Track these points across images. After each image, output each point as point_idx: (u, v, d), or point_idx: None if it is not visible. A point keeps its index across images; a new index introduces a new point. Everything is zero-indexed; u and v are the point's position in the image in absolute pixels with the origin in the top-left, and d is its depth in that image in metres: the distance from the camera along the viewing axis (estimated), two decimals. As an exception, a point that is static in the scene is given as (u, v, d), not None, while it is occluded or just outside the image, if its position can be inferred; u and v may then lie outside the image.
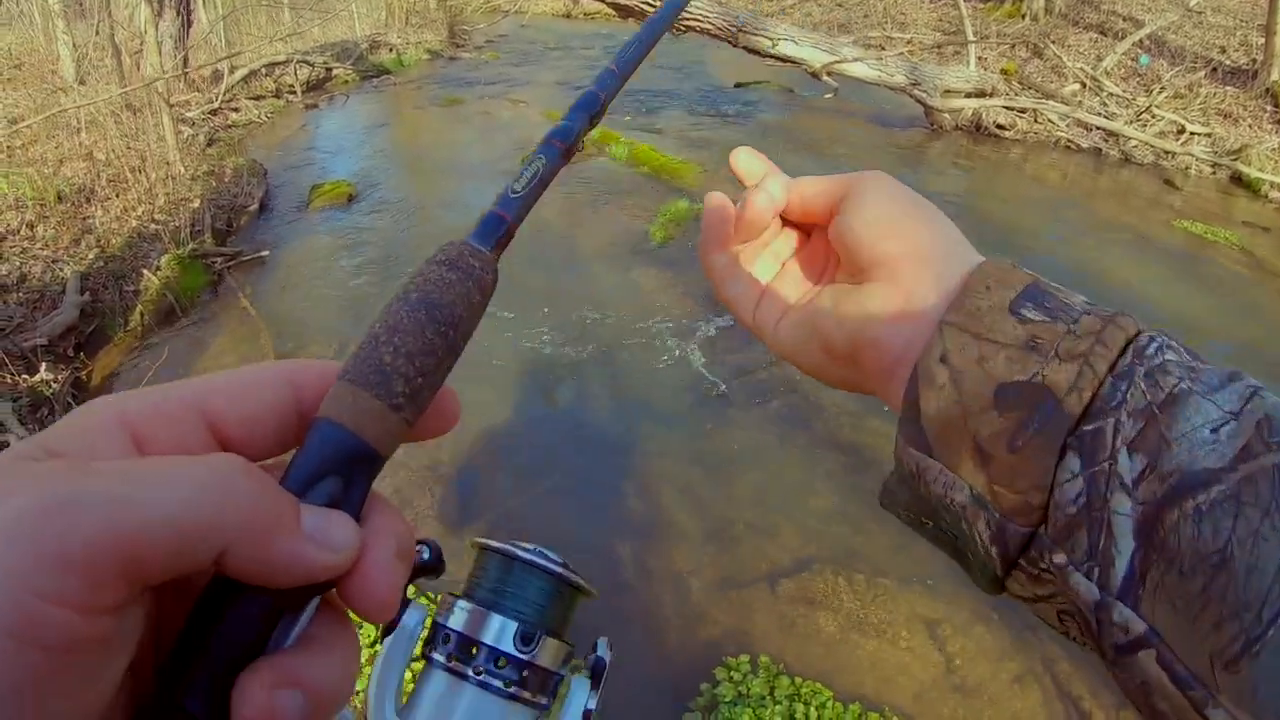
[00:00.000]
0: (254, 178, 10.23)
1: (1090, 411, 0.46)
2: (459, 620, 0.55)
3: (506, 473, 5.08)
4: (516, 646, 0.55)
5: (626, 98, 15.08)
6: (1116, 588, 0.43)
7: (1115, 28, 19.22)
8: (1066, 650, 4.13)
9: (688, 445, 5.39)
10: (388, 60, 18.47)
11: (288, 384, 0.42)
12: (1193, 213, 11.63)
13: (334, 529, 0.37)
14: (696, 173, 10.35)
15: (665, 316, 6.84)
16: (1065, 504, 0.46)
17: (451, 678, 0.54)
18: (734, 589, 4.28)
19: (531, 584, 0.57)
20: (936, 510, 0.54)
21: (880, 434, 5.58)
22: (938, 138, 14.06)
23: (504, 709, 0.54)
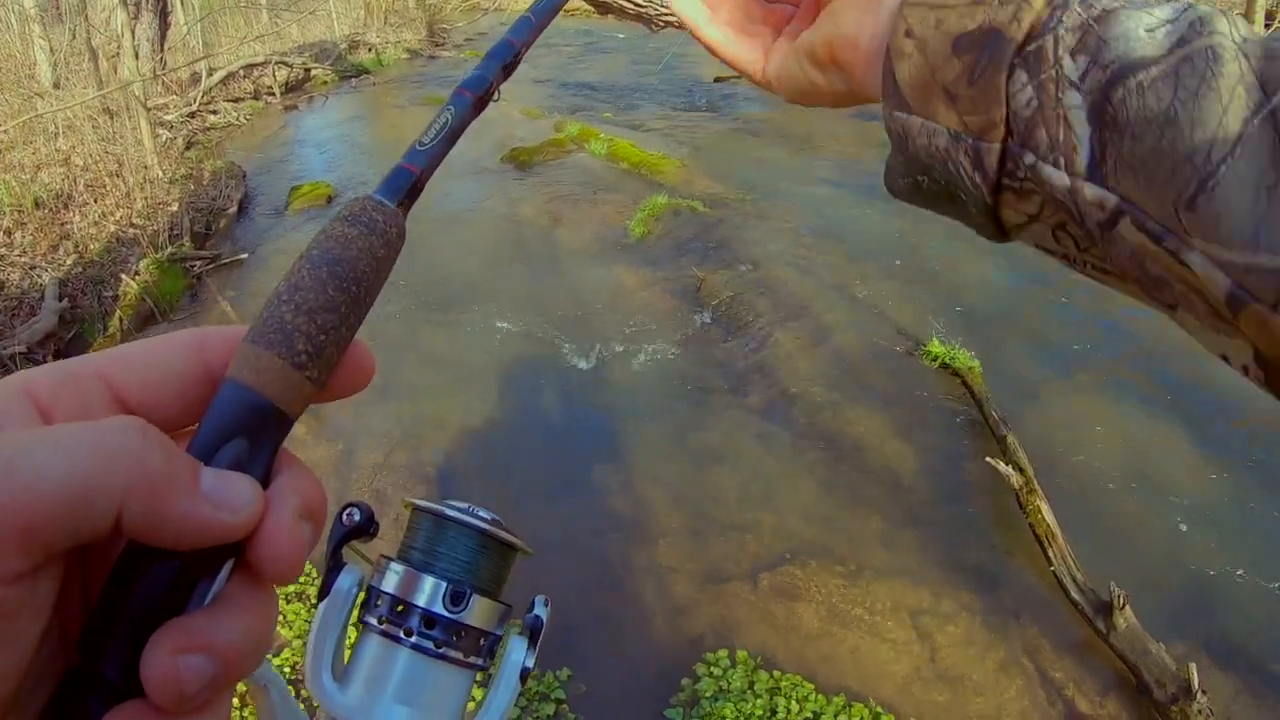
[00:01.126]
0: (232, 180, 10.20)
1: (1030, 36, 0.51)
2: (391, 583, 0.54)
3: (490, 471, 5.08)
4: (446, 607, 0.53)
5: (606, 94, 15.08)
6: (1084, 169, 0.48)
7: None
8: (1050, 636, 4.16)
9: (669, 441, 5.40)
10: (367, 60, 18.37)
11: (195, 350, 0.42)
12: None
13: (233, 489, 0.37)
14: (676, 168, 10.34)
15: (646, 312, 6.85)
16: (1021, 109, 0.51)
17: (386, 641, 0.53)
18: (715, 583, 4.29)
19: (461, 543, 0.55)
20: (926, 164, 0.59)
21: (859, 423, 5.60)
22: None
23: (439, 670, 0.53)
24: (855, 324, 6.79)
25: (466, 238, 8.20)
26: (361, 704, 0.52)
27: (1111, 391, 6.26)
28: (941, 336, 6.32)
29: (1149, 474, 5.40)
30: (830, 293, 7.29)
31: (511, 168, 10.43)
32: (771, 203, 9.33)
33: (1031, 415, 5.78)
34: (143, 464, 0.34)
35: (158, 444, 0.35)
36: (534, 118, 12.91)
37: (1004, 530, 4.78)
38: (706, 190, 9.57)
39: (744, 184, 9.88)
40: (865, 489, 5.05)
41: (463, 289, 7.10)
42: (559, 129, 12.03)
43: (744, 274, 7.47)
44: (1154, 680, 3.80)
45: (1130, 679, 3.92)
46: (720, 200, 9.26)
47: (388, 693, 0.52)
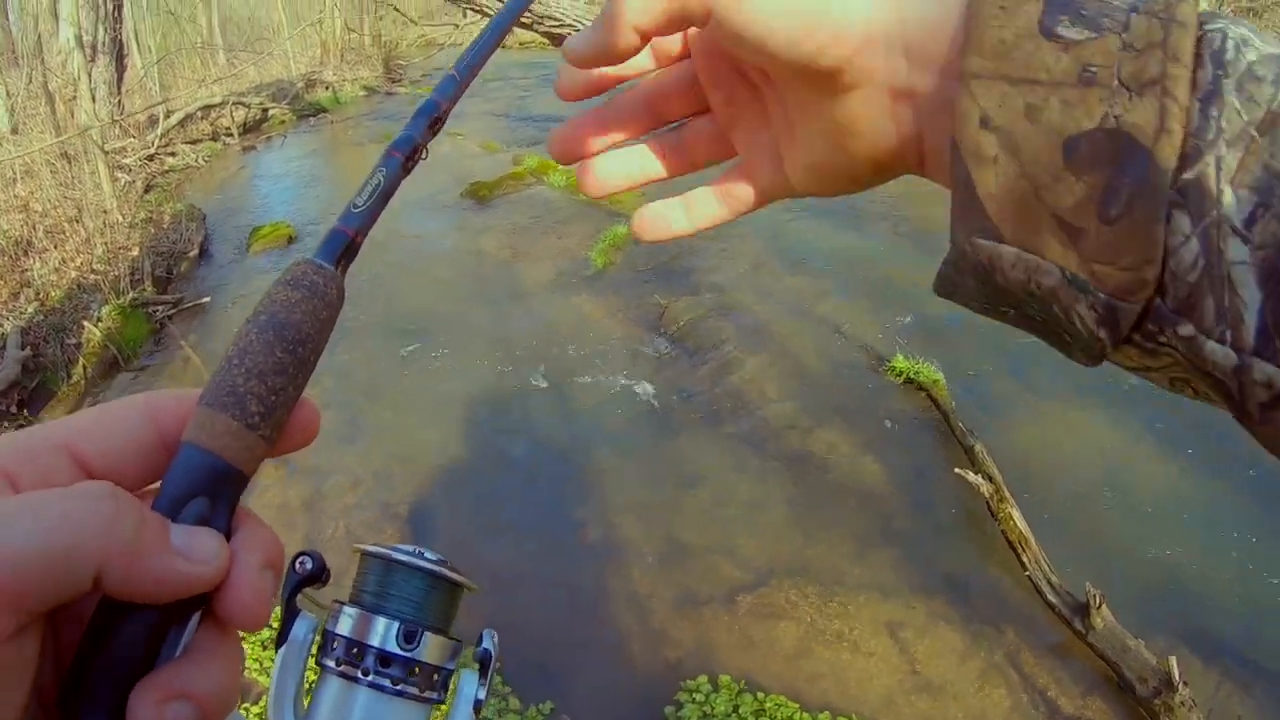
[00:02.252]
0: (193, 223, 10.12)
1: (1186, 153, 0.39)
2: (345, 626, 0.55)
3: (461, 508, 5.05)
4: (400, 645, 0.55)
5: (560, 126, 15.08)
6: (1251, 345, 0.38)
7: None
8: (1029, 640, 4.18)
9: (640, 469, 5.39)
10: (324, 98, 18.34)
11: (147, 415, 0.44)
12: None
13: (201, 544, 0.39)
14: (635, 197, 10.15)
15: (610, 342, 6.85)
16: (1184, 272, 0.39)
17: (344, 682, 0.54)
18: (693, 608, 4.28)
19: (410, 584, 0.57)
20: (1021, 299, 0.46)
21: (827, 442, 5.62)
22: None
23: (397, 706, 0.55)
24: (819, 343, 6.83)
25: (429, 275, 8.18)
26: None
27: (1075, 396, 6.33)
28: (905, 352, 6.37)
29: (1117, 475, 5.46)
30: (793, 313, 7.34)
31: (471, 203, 10.42)
32: (732, 227, 9.26)
33: (998, 424, 5.84)
34: (117, 526, 0.36)
35: (129, 506, 0.37)
36: (492, 151, 12.93)
37: (977, 539, 4.81)
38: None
39: (705, 209, 9.88)
40: (836, 506, 5.06)
41: (427, 326, 7.08)
42: (517, 162, 12.02)
43: (706, 299, 7.49)
44: (1135, 676, 3.83)
45: (1112, 677, 3.95)
46: (681, 228, 9.24)
47: None
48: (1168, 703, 3.64)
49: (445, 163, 12.42)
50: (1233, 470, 5.58)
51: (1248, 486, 5.46)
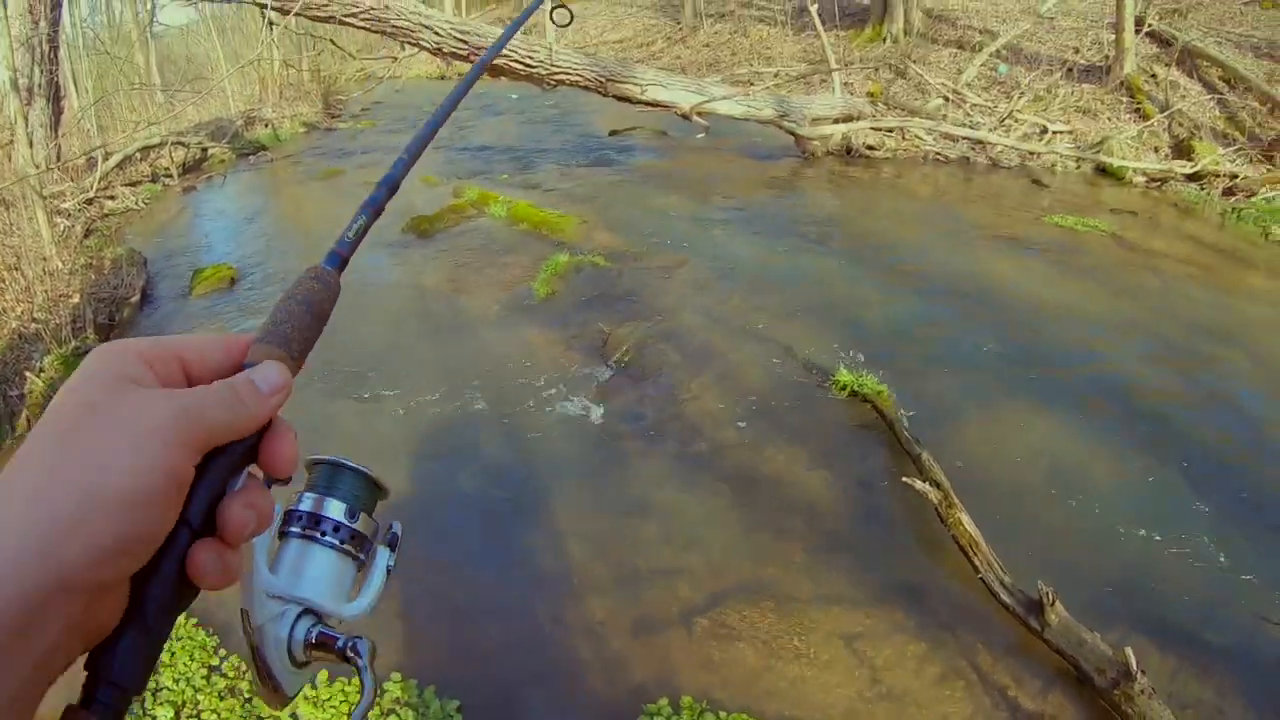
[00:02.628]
0: (134, 267, 9.99)
1: None
2: (307, 504, 0.78)
3: (412, 544, 4.98)
4: (346, 518, 0.78)
5: (503, 155, 15.14)
6: None
7: (972, 41, 19.92)
8: (986, 641, 4.23)
9: (590, 495, 5.38)
10: (264, 136, 18.20)
11: (224, 344, 0.71)
12: (1062, 207, 12.09)
13: (268, 372, 0.70)
14: (576, 225, 10.41)
15: (554, 371, 6.83)
16: None
17: (304, 542, 0.76)
18: (650, 632, 4.27)
19: (350, 480, 0.81)
20: None
21: (775, 459, 5.66)
22: (810, 165, 14.41)
23: (339, 560, 0.77)
24: (763, 361, 6.88)
25: (373, 313, 8.13)
26: (290, 582, 0.75)
27: (1017, 400, 6.44)
28: (849, 365, 6.44)
29: (1061, 473, 5.56)
30: (736, 333, 7.39)
31: (413, 237, 10.38)
32: (673, 250, 9.46)
33: (943, 431, 5.92)
34: (244, 392, 0.67)
35: (245, 385, 0.67)
36: (433, 185, 12.91)
37: (928, 545, 4.87)
38: (607, 244, 9.66)
39: (644, 234, 10.00)
40: (788, 522, 5.09)
41: (372, 365, 7.01)
42: (458, 194, 12.04)
43: (649, 324, 7.53)
44: (1093, 668, 3.89)
45: (1070, 670, 4.01)
46: (622, 253, 9.36)
47: (306, 573, 0.76)
48: (1127, 692, 3.70)
49: (387, 197, 12.38)
50: (1171, 461, 5.72)
51: (1186, 476, 5.59)
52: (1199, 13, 19.41)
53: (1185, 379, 7.03)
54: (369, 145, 16.43)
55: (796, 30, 24.28)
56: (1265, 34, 18.13)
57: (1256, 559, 4.89)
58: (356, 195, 9.56)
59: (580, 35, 31.06)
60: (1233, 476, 5.66)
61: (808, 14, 17.90)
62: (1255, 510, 5.34)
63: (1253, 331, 8.26)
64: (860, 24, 22.87)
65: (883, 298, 8.33)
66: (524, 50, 11.95)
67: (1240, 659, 4.20)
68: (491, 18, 34.58)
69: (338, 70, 25.19)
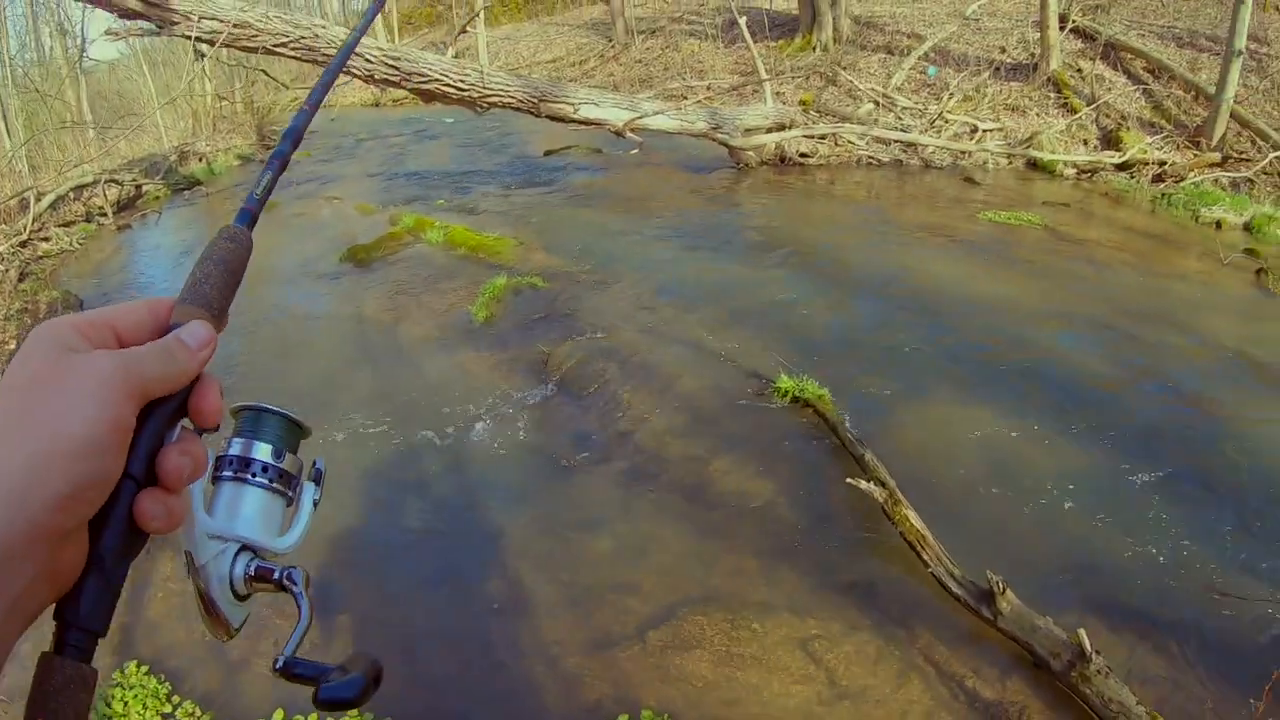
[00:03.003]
0: (69, 310, 9.82)
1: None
2: (236, 449, 0.81)
3: (362, 577, 4.89)
4: (273, 458, 0.82)
5: (438, 180, 15.07)
6: None
7: (901, 45, 20.20)
8: (941, 634, 4.26)
9: (536, 517, 5.33)
10: (198, 170, 17.85)
11: (150, 308, 0.75)
12: (996, 203, 12.28)
13: (195, 330, 0.74)
14: (513, 247, 10.40)
15: (496, 394, 6.79)
16: None
17: (237, 484, 0.80)
18: (605, 649, 4.24)
19: (273, 422, 0.83)
20: None
21: (720, 469, 5.67)
22: (745, 175, 14.55)
23: (270, 498, 0.81)
24: (704, 373, 6.90)
25: (312, 345, 8.03)
26: (226, 521, 0.78)
27: (955, 393, 6.52)
28: (788, 371, 6.46)
29: (1003, 462, 5.63)
30: (675, 346, 7.41)
31: (350, 267, 10.27)
32: (610, 268, 9.48)
33: (886, 430, 5.98)
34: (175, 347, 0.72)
35: (175, 343, 0.72)
36: (368, 213, 12.83)
37: (877, 544, 4.89)
38: (545, 265, 9.65)
39: (581, 253, 10.01)
40: (736, 530, 5.09)
41: (312, 397, 6.90)
42: (394, 222, 11.96)
43: (589, 342, 7.51)
44: (1048, 652, 3.92)
45: (1026, 657, 4.05)
46: (559, 273, 9.35)
47: (241, 513, 0.79)
48: (1084, 673, 3.74)
49: (324, 228, 12.28)
50: (1113, 443, 5.82)
51: (1129, 456, 5.68)
52: (1121, 7, 19.83)
53: (1122, 362, 7.15)
54: (305, 175, 16.24)
55: (727, 43, 24.48)
56: (1186, 24, 18.57)
57: (1201, 532, 4.99)
58: (294, 227, 9.56)
59: (513, 56, 31.11)
60: (1173, 453, 5.77)
61: (738, 27, 17.99)
62: (1198, 485, 5.46)
63: (1186, 311, 8.43)
64: (790, 34, 23.10)
65: (821, 302, 8.38)
66: (456, 73, 11.93)
67: (1193, 631, 4.29)
68: (424, 42, 34.52)
69: (271, 101, 24.93)
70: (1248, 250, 10.66)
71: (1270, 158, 13.49)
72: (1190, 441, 5.95)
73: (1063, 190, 13.48)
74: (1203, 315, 8.39)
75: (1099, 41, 17.60)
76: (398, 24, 39.43)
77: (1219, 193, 13.10)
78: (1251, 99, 15.32)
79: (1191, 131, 14.97)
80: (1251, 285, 9.35)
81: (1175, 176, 13.78)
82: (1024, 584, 4.30)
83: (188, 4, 10.25)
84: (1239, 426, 6.18)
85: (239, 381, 7.23)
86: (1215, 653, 4.15)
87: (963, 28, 20.24)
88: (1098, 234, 11.30)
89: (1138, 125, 15.64)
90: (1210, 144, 14.36)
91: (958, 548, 4.60)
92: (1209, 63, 16.55)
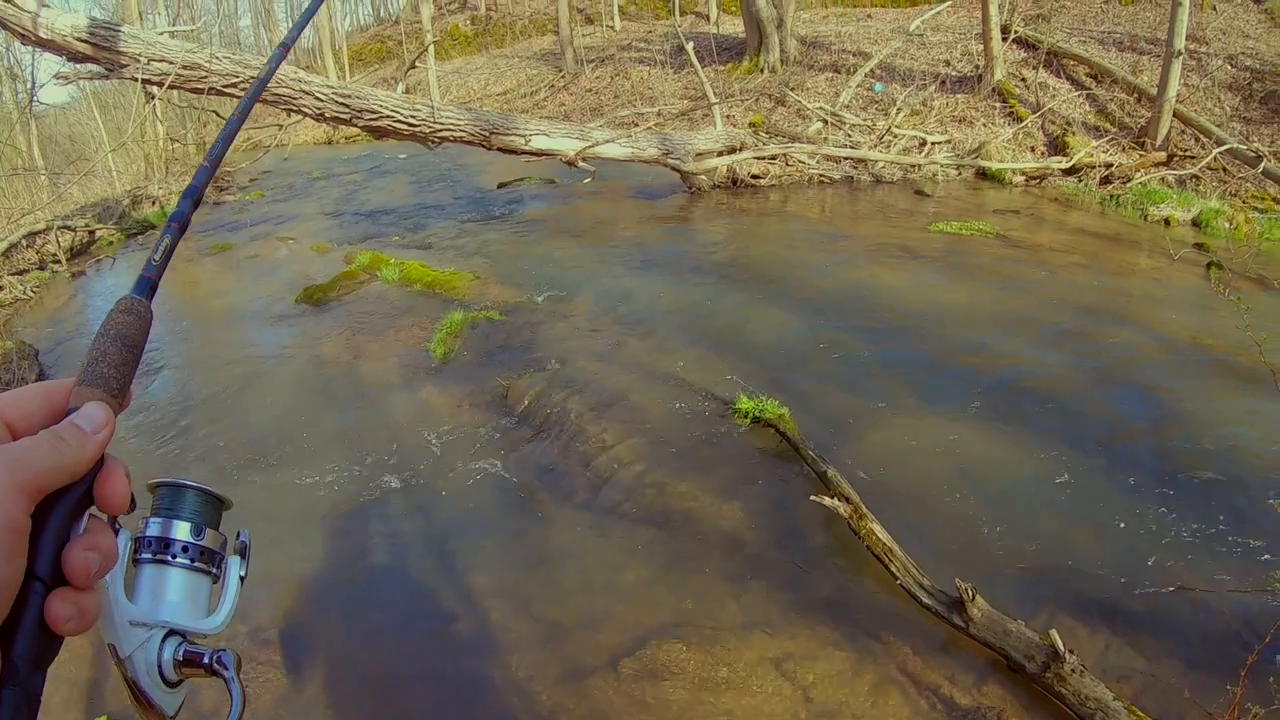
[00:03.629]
0: (25, 361, 9.61)
1: None
2: (154, 529, 0.80)
3: (331, 620, 4.81)
4: (193, 536, 0.80)
5: (393, 217, 15.02)
6: None
7: (847, 64, 20.46)
8: (914, 645, 4.26)
9: (503, 552, 5.28)
10: (152, 214, 17.58)
11: (44, 393, 0.74)
12: (947, 214, 12.43)
13: (92, 412, 0.73)
14: (469, 281, 10.36)
15: (458, 430, 6.74)
16: None
17: (158, 566, 0.79)
18: (578, 681, 4.19)
19: (191, 498, 0.82)
20: None
21: (685, 494, 5.65)
22: (698, 199, 14.68)
23: (194, 578, 0.80)
24: (665, 399, 6.90)
25: (271, 389, 7.93)
26: (150, 607, 0.77)
27: (914, 403, 6.58)
28: (749, 393, 6.47)
29: (967, 468, 5.67)
30: (635, 373, 7.41)
31: (307, 308, 10.16)
32: (567, 297, 9.48)
33: (847, 445, 6.02)
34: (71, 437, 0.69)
35: (71, 430, 0.70)
36: (324, 252, 12.74)
37: (845, 559, 4.90)
38: (501, 298, 9.63)
39: (538, 284, 9.99)
40: (704, 555, 5.07)
41: (273, 441, 6.80)
42: (350, 260, 11.89)
43: (549, 373, 7.49)
44: (1023, 655, 3.94)
45: (1001, 661, 4.07)
46: (516, 305, 9.34)
47: (164, 597, 0.78)
48: (1059, 673, 3.77)
49: (278, 268, 12.17)
50: (1073, 442, 5.89)
51: (1090, 454, 5.75)
52: (1062, 15, 20.19)
53: (1079, 362, 7.24)
54: (259, 216, 16.12)
55: (676, 68, 24.66)
56: (1126, 28, 18.95)
57: (1167, 524, 5.06)
58: (249, 269, 9.47)
59: (464, 90, 31.16)
60: (1134, 449, 5.85)
61: (685, 52, 18.12)
62: (1160, 478, 5.53)
63: (1140, 307, 8.56)
64: (738, 57, 23.33)
65: (778, 321, 8.42)
66: (406, 109, 11.91)
67: (1165, 623, 4.34)
68: (375, 79, 34.54)
69: (224, 142, 24.78)
70: (1197, 245, 10.91)
71: (1214, 154, 13.78)
72: (1150, 436, 6.04)
73: (1013, 197, 13.68)
74: (1156, 311, 8.52)
75: (1041, 50, 17.91)
76: (348, 61, 39.41)
77: (1166, 191, 13.38)
78: (1193, 97, 15.65)
79: (1136, 133, 15.26)
80: (1202, 278, 9.52)
81: (1122, 177, 14.03)
82: (994, 588, 4.32)
83: (136, 46, 10.17)
84: (1198, 418, 6.28)
85: (196, 427, 7.15)
86: (1188, 642, 4.21)
87: (907, 43, 20.52)
88: (1049, 238, 11.45)
89: (1083, 130, 15.91)
90: (1155, 144, 14.64)
91: (926, 557, 4.63)
92: (1150, 64, 16.90)
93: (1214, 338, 7.67)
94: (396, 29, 39.56)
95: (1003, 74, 17.70)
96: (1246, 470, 5.60)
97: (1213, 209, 12.35)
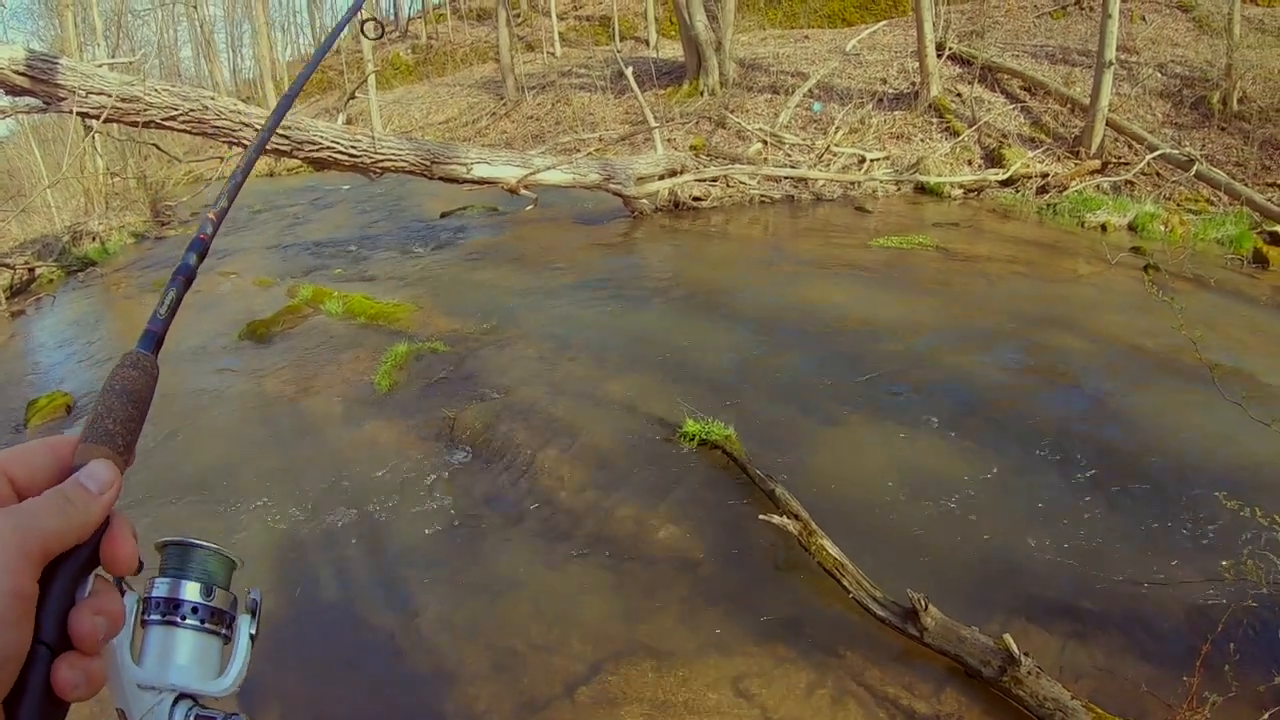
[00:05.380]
0: (-37, 405, 9.49)
1: None
2: (162, 590, 0.77)
3: (280, 657, 4.71)
4: (203, 597, 0.78)
5: (335, 249, 14.92)
6: None
7: (785, 84, 20.69)
8: (871, 657, 4.28)
9: (456, 585, 5.21)
10: (92, 250, 17.32)
11: (49, 450, 0.72)
12: (888, 229, 12.60)
13: (98, 471, 0.71)
14: (412, 312, 10.32)
15: (404, 463, 6.67)
16: None
17: (166, 628, 0.76)
18: (533, 712, 4.14)
19: (200, 557, 0.80)
20: None
21: (635, 518, 5.64)
22: (641, 223, 14.76)
23: (202, 639, 0.77)
24: (611, 424, 6.90)
25: (214, 426, 7.79)
26: (158, 670, 0.74)
27: (857, 418, 6.65)
28: (694, 415, 6.48)
29: (914, 479, 5.74)
30: (581, 399, 7.40)
31: (250, 343, 10.02)
32: (511, 326, 9.46)
33: (794, 463, 6.06)
34: (78, 496, 0.68)
35: (76, 489, 0.69)
36: (266, 286, 12.62)
37: (797, 575, 4.92)
38: (446, 329, 9.58)
39: (482, 313, 9.97)
40: (656, 579, 5.06)
41: (216, 480, 6.67)
42: (292, 294, 11.79)
43: (495, 403, 7.46)
44: (979, 661, 3.97)
45: (957, 668, 4.09)
46: (461, 336, 9.29)
47: (173, 660, 0.75)
48: (1015, 676, 3.80)
49: (220, 304, 12.01)
50: (1019, 447, 6.00)
51: (1036, 458, 5.86)
52: (995, 31, 20.55)
53: (1022, 367, 7.35)
54: (201, 252, 15.93)
55: (617, 94, 24.79)
56: (1058, 41, 19.37)
57: (1115, 523, 5.17)
58: (191, 305, 9.30)
59: (405, 119, 31.07)
60: (1080, 450, 5.96)
61: (625, 78, 18.20)
62: (1107, 477, 5.64)
63: (1080, 312, 8.72)
64: (678, 81, 23.51)
65: (723, 342, 8.46)
66: (347, 140, 11.84)
67: (1118, 620, 4.42)
68: (316, 109, 34.29)
69: (165, 175, 24.47)
70: (1133, 249, 11.17)
71: (1147, 159, 14.10)
72: (1095, 437, 6.14)
73: (952, 210, 13.90)
74: (1096, 315, 8.69)
75: (976, 65, 18.25)
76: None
77: (1101, 197, 13.68)
78: (1125, 105, 16.00)
79: (1071, 142, 15.57)
80: (1139, 281, 9.69)
81: (1059, 186, 14.33)
82: (947, 597, 4.35)
83: (73, 79, 10.01)
84: (1141, 417, 6.42)
85: (136, 468, 6.96)
86: (1143, 637, 4.28)
87: (844, 63, 20.83)
88: (989, 249, 11.64)
89: (1019, 141, 16.21)
90: (1089, 152, 14.96)
91: (878, 568, 4.65)
92: (1082, 76, 17.28)
93: (1153, 338, 7.83)
94: (338, 59, 39.32)
95: (939, 90, 17.99)
96: (1190, 465, 5.75)
97: (1148, 213, 12.65)
